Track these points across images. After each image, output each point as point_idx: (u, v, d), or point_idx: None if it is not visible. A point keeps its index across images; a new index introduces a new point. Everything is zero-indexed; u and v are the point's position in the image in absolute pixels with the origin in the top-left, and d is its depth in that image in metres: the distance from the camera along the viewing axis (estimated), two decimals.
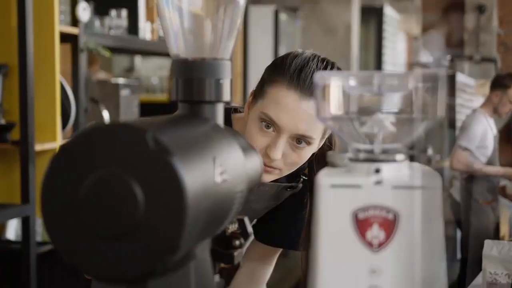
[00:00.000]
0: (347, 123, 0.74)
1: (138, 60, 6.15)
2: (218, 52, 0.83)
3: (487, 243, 2.00)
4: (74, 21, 2.70)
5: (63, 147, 0.64)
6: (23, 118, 2.37)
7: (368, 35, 7.49)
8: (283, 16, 5.19)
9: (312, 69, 1.25)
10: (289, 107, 1.22)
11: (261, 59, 4.06)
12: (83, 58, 2.72)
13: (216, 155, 0.71)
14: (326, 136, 1.33)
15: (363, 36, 7.14)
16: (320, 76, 0.73)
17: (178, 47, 0.83)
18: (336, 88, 0.73)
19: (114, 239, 0.62)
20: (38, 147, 2.46)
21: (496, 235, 4.35)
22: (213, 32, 0.83)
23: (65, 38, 2.67)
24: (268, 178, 1.29)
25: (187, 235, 0.61)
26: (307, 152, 1.27)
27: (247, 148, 0.87)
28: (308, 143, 1.25)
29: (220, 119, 0.82)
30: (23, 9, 2.39)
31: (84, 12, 2.69)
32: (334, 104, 0.73)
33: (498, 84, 4.36)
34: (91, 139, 0.64)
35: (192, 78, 0.80)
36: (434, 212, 0.70)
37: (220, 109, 0.83)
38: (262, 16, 5.29)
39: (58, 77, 2.54)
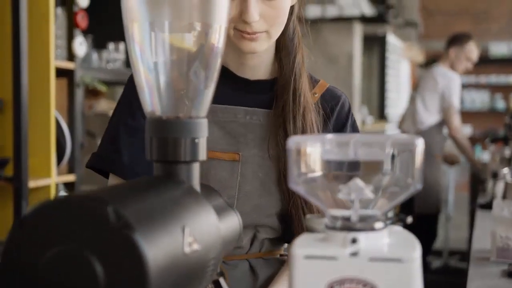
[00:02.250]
0: (322, 189, 0.71)
1: None
2: (194, 110, 0.81)
3: (496, 203, 1.85)
4: (71, 56, 2.70)
5: (23, 219, 0.62)
6: (17, 155, 2.35)
7: (371, 63, 7.49)
8: None
9: None
10: None
11: None
12: (79, 93, 2.70)
13: (186, 223, 0.68)
14: None
15: (366, 64, 7.13)
16: (293, 141, 0.70)
17: (153, 104, 0.80)
18: (310, 152, 0.70)
19: None
20: (32, 183, 2.43)
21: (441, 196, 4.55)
22: (188, 89, 0.81)
23: (62, 72, 2.66)
24: (259, 46, 1.20)
25: None
26: (283, 1, 1.19)
27: (224, 208, 0.84)
28: None
29: (195, 180, 0.79)
30: (18, 44, 2.38)
31: (80, 46, 2.68)
32: (308, 169, 0.70)
33: (455, 41, 4.56)
34: (51, 212, 0.61)
35: (167, 137, 0.78)
36: (414, 285, 0.67)
37: (196, 169, 0.80)
38: None
39: (53, 112, 2.52)
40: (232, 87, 1.28)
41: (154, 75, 0.80)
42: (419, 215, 4.31)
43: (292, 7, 1.28)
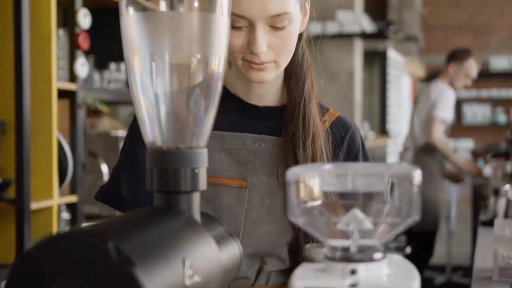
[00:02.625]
0: (321, 220, 0.71)
1: None
2: (194, 140, 0.81)
3: (498, 222, 1.84)
4: (73, 77, 2.71)
5: (24, 254, 0.62)
6: (19, 177, 2.36)
7: (372, 78, 7.51)
8: None
9: None
10: None
11: None
12: (81, 114, 2.72)
13: (186, 255, 0.69)
14: (306, 1, 1.23)
15: (367, 79, 7.15)
16: (292, 172, 0.71)
17: (154, 135, 0.81)
18: (309, 184, 0.71)
19: None
20: (34, 205, 2.44)
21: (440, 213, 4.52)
22: (188, 119, 0.82)
23: (63, 93, 2.67)
24: (267, 76, 1.19)
25: None
26: (292, 30, 1.17)
27: (224, 237, 0.84)
28: (288, 20, 1.15)
29: (196, 209, 0.80)
30: (21, 66, 2.40)
31: (82, 68, 2.69)
32: (307, 200, 0.71)
33: (454, 57, 4.53)
34: (53, 247, 0.62)
35: (167, 168, 0.79)
36: None
37: (196, 198, 0.80)
38: None
39: (55, 134, 2.53)
40: (241, 114, 1.28)
41: (154, 106, 0.81)
42: (417, 232, 4.30)
43: (301, 34, 1.26)
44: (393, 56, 7.71)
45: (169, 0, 0.84)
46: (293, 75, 1.28)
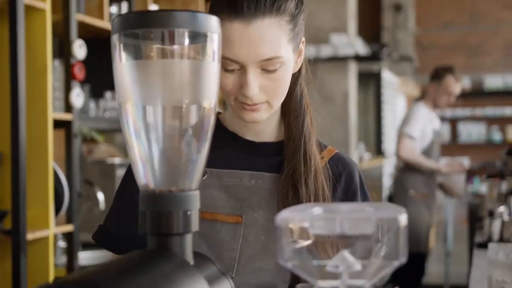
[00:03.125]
0: (311, 262, 0.73)
1: None
2: (186, 182, 0.83)
3: (492, 246, 1.84)
4: (68, 107, 2.73)
5: None
6: (15, 208, 2.37)
7: (367, 99, 7.55)
8: None
9: None
10: (238, 37, 1.12)
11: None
12: (76, 144, 2.74)
13: None
14: (300, 42, 1.22)
15: (361, 100, 7.20)
16: (281, 218, 0.72)
17: (146, 178, 0.83)
18: (298, 228, 0.72)
19: None
20: (30, 236, 2.44)
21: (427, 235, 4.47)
22: (180, 164, 0.83)
23: (59, 123, 2.69)
24: (259, 116, 1.19)
25: None
26: (284, 72, 1.17)
27: (217, 276, 0.86)
28: (280, 63, 1.15)
29: (188, 250, 0.82)
30: (17, 97, 2.42)
31: (77, 98, 2.71)
32: (297, 244, 0.73)
33: (434, 76, 4.53)
34: None
35: (160, 211, 0.80)
36: None
37: (188, 240, 0.82)
38: None
39: (51, 164, 2.55)
40: (238, 150, 1.28)
41: (147, 150, 0.83)
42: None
43: (299, 71, 1.27)
44: (388, 76, 7.76)
45: (161, 49, 0.87)
46: (292, 113, 1.28)
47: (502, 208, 3.10)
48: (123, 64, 0.81)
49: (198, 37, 0.82)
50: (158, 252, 0.79)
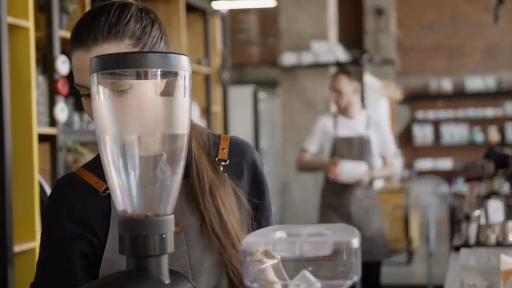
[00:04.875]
0: (274, 282, 0.80)
1: None
2: (162, 207, 0.90)
3: (464, 252, 1.91)
4: (53, 121, 2.79)
5: None
6: (2, 221, 2.43)
7: None
8: (262, 95, 5.32)
9: (96, 15, 1.20)
10: (81, 63, 1.18)
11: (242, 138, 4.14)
12: (61, 157, 2.80)
13: None
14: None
15: None
16: (247, 242, 0.80)
17: (124, 204, 0.90)
18: (262, 251, 0.80)
19: None
20: (17, 248, 2.50)
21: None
22: (155, 190, 0.91)
23: (44, 138, 2.75)
24: None
25: None
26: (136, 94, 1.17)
27: None
28: (128, 85, 1.12)
29: (164, 270, 0.89)
30: (2, 112, 2.48)
31: (61, 112, 2.78)
32: (260, 266, 0.80)
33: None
34: None
35: (137, 235, 0.88)
36: None
37: (164, 260, 0.89)
38: (242, 95, 5.44)
39: (37, 177, 2.61)
40: None
41: (124, 178, 0.90)
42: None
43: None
44: (370, 81, 7.85)
45: (136, 87, 0.94)
46: None
47: (477, 212, 3.17)
48: (101, 101, 0.88)
49: (170, 75, 0.89)
50: (136, 273, 0.87)
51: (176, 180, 0.91)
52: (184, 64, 0.89)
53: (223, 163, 1.33)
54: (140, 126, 0.89)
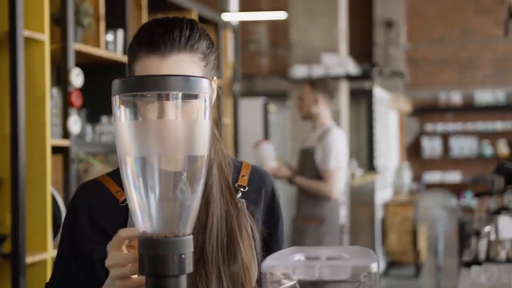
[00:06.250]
0: None
1: None
2: (181, 227, 0.92)
3: (474, 269, 1.92)
4: (66, 133, 2.81)
5: None
6: (15, 232, 2.45)
7: (359, 116, 7.65)
8: (272, 107, 5.33)
9: (168, 26, 1.21)
10: (154, 69, 1.19)
11: (252, 150, 4.08)
12: (73, 168, 2.81)
13: None
14: (212, 80, 1.29)
15: (353, 117, 7.29)
16: (266, 265, 0.81)
17: (144, 225, 0.91)
18: (281, 274, 0.81)
19: None
20: (29, 259, 2.52)
21: None
22: (175, 208, 0.92)
23: (57, 149, 2.77)
24: None
25: None
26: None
27: None
28: (195, 97, 1.17)
29: None
30: (16, 124, 2.50)
31: (75, 124, 2.80)
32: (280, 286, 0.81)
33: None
34: None
35: (157, 255, 0.89)
36: None
37: (183, 280, 0.90)
38: (252, 107, 5.46)
39: (50, 189, 2.63)
40: None
41: (144, 198, 0.91)
42: None
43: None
44: (379, 93, 7.86)
45: (157, 109, 0.95)
46: None
47: (488, 228, 3.16)
48: (122, 123, 0.90)
49: (191, 97, 0.91)
50: None
51: (195, 200, 0.92)
52: (204, 87, 0.91)
53: (242, 189, 1.34)
54: (160, 147, 0.90)
